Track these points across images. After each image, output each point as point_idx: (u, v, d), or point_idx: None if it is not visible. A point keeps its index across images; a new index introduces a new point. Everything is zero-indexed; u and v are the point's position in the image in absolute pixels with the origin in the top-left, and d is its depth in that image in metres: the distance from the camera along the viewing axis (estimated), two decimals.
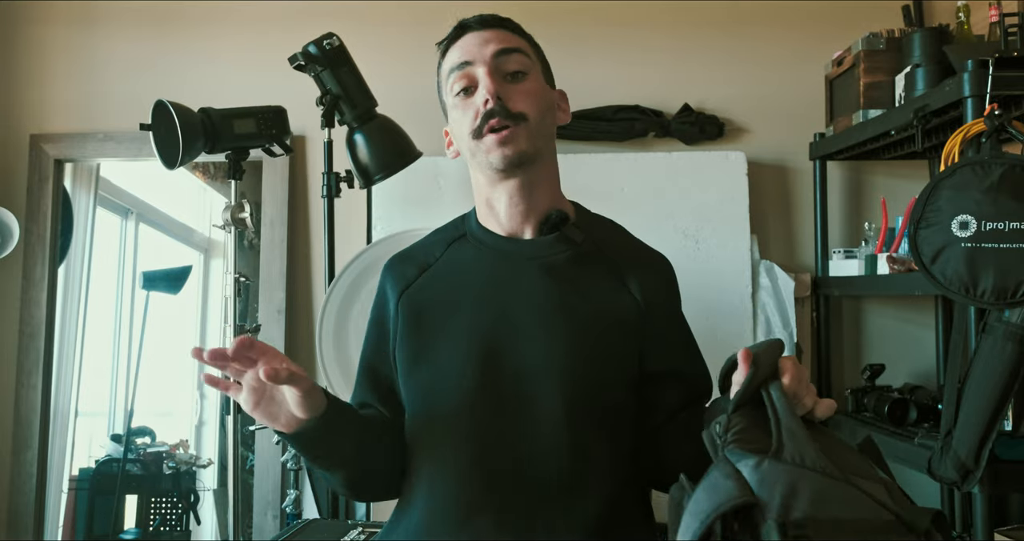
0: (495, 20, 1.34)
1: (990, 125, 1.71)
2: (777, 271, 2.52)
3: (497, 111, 1.27)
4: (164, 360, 2.87)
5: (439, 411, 1.28)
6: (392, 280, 1.39)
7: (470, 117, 1.30)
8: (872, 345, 2.66)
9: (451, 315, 1.31)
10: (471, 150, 1.32)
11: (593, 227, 1.39)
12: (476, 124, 1.29)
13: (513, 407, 1.25)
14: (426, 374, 1.30)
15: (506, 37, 1.33)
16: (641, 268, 1.37)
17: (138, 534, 2.66)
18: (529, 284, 1.31)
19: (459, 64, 1.32)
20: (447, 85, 1.35)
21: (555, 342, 1.27)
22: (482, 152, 1.30)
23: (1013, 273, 1.63)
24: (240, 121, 2.25)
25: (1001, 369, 1.65)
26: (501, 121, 1.27)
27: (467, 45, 1.32)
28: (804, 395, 1.08)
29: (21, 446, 2.60)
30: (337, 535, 1.96)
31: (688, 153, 2.61)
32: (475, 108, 1.29)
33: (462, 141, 1.34)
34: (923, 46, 2.16)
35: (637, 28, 2.68)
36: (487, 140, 1.29)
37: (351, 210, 2.58)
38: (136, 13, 2.75)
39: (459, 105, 1.32)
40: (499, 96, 1.28)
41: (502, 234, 1.36)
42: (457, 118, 1.33)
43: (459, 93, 1.32)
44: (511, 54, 1.31)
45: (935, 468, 1.77)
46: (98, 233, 2.80)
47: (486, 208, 1.38)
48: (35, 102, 2.75)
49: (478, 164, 1.34)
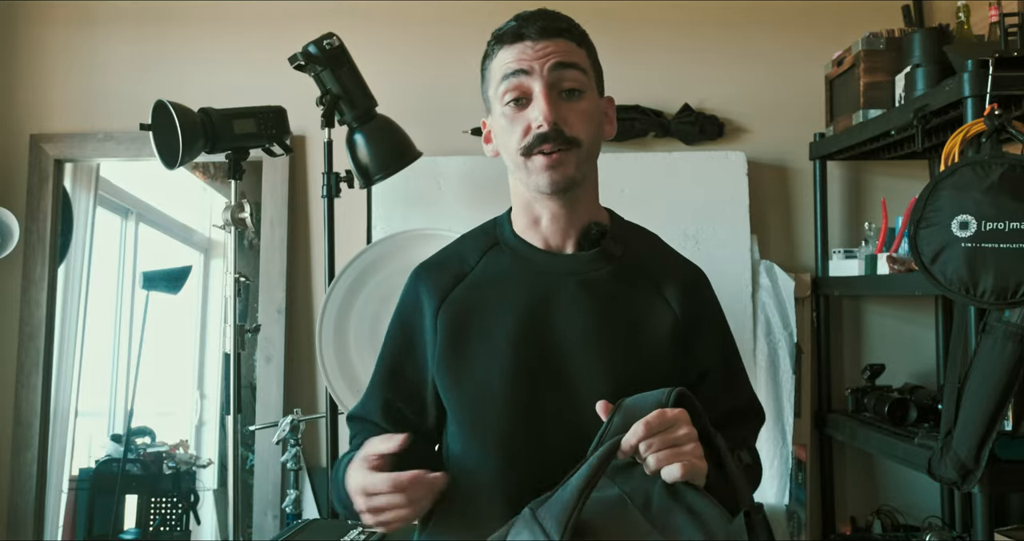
0: (556, 30, 1.26)
1: (990, 125, 1.71)
2: (777, 271, 2.52)
3: (552, 136, 1.23)
4: (164, 360, 2.87)
5: (488, 427, 1.27)
6: (428, 289, 1.35)
7: (520, 132, 1.26)
8: (872, 345, 2.66)
9: (495, 328, 1.29)
10: (516, 164, 1.28)
11: (630, 238, 1.37)
12: (527, 142, 1.25)
13: (560, 424, 1.24)
14: (473, 389, 1.29)
15: (565, 48, 1.25)
16: (678, 281, 1.34)
17: (138, 534, 2.66)
18: (571, 300, 1.29)
19: (513, 72, 1.25)
20: (496, 88, 1.28)
21: (599, 359, 1.26)
22: (529, 171, 1.27)
23: (1013, 273, 1.63)
24: (240, 121, 2.25)
25: (1001, 369, 1.66)
26: (554, 146, 1.23)
27: (523, 51, 1.25)
28: (648, 455, 1.04)
29: (21, 446, 2.59)
30: (337, 535, 1.96)
31: (688, 153, 2.61)
32: (526, 123, 1.25)
33: (508, 152, 1.30)
34: (923, 46, 2.16)
35: (637, 28, 2.68)
36: (536, 161, 1.25)
37: (351, 210, 2.58)
38: (136, 13, 2.74)
39: (509, 115, 1.27)
40: (555, 121, 1.23)
41: (541, 247, 1.34)
42: (505, 127, 1.28)
43: (510, 102, 1.27)
44: (568, 70, 1.25)
45: (935, 468, 1.78)
46: (98, 233, 2.80)
47: (526, 219, 1.34)
48: (35, 102, 2.75)
49: (522, 179, 1.30)
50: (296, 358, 2.64)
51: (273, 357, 2.60)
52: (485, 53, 1.32)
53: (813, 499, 2.56)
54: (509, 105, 1.27)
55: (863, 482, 2.63)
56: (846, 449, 2.57)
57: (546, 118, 1.23)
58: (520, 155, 1.26)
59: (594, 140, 1.29)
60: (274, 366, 2.60)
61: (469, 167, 2.59)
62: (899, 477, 2.60)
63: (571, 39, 1.27)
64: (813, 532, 2.54)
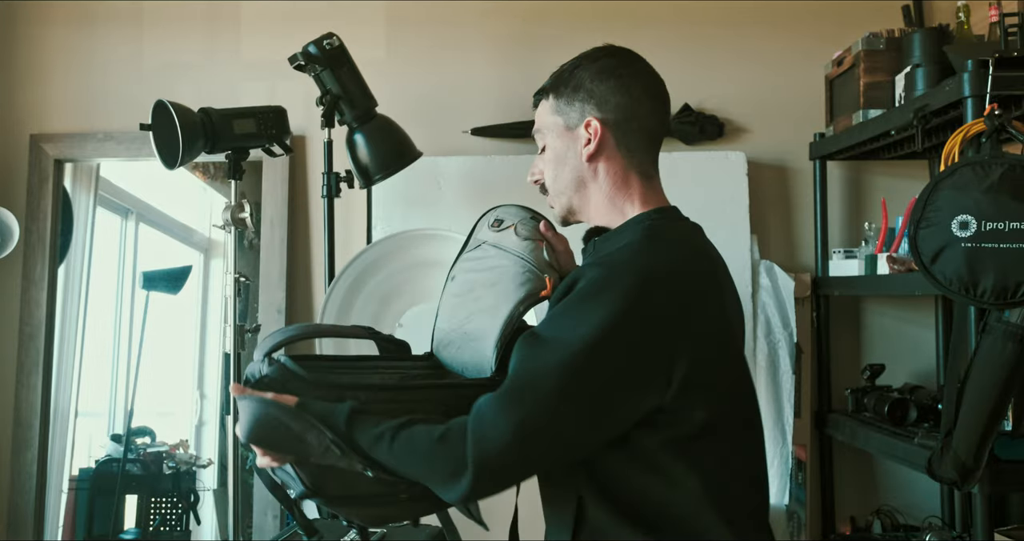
0: (536, 100, 1.44)
1: (990, 125, 1.71)
2: (777, 271, 2.52)
3: (540, 188, 1.46)
4: (164, 360, 2.87)
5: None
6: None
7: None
8: (872, 345, 2.66)
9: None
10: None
11: (613, 241, 1.36)
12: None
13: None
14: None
15: (539, 112, 1.43)
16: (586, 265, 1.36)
17: (138, 534, 2.66)
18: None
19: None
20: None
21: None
22: None
23: (1013, 273, 1.63)
24: (240, 121, 2.25)
25: (1001, 369, 1.66)
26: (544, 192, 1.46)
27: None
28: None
29: (21, 446, 2.59)
30: (337, 535, 1.96)
31: (688, 153, 2.61)
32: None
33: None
34: (923, 46, 2.16)
35: (637, 28, 2.68)
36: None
37: (351, 210, 2.58)
38: (136, 13, 2.74)
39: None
40: (534, 176, 1.45)
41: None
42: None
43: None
44: (537, 132, 1.44)
45: (935, 468, 1.78)
46: (98, 233, 2.80)
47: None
48: (35, 102, 2.75)
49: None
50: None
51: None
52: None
53: (813, 499, 2.56)
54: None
55: (863, 482, 2.63)
56: (846, 449, 2.57)
57: (530, 175, 1.46)
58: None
59: (555, 177, 1.41)
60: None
61: (469, 167, 2.59)
62: (899, 477, 2.60)
63: (543, 97, 1.43)
64: (813, 532, 2.54)
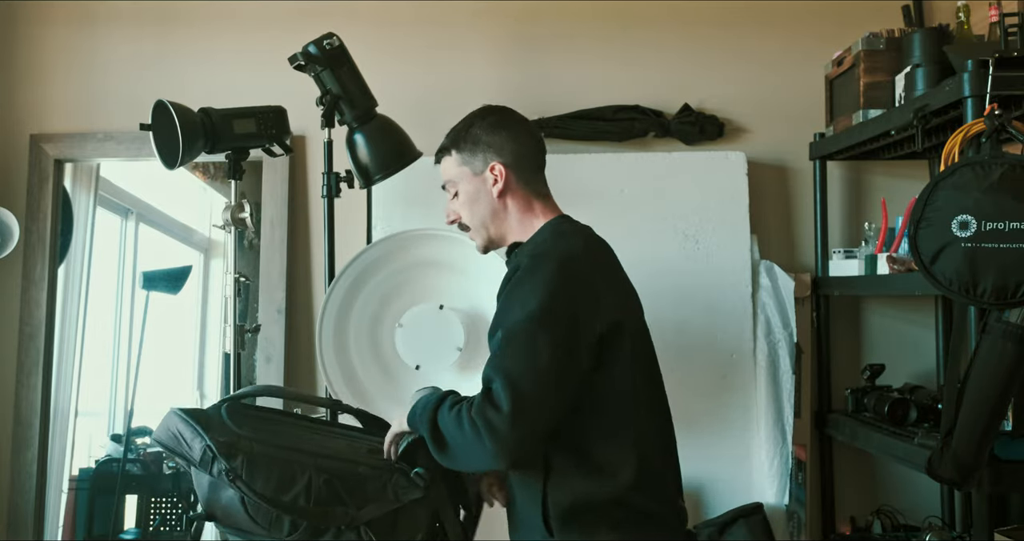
0: (438, 158, 1.69)
1: (990, 125, 1.71)
2: (777, 271, 2.52)
3: (460, 226, 1.70)
4: (164, 360, 2.87)
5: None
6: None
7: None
8: (872, 345, 2.66)
9: None
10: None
11: (528, 245, 1.60)
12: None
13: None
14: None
15: (444, 168, 1.68)
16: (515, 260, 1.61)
17: (138, 534, 2.66)
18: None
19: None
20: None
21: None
22: None
23: (1013, 273, 1.63)
24: (240, 121, 2.25)
25: (1001, 369, 1.66)
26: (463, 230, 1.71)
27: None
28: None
29: (21, 446, 2.60)
30: None
31: (688, 153, 2.61)
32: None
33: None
34: (923, 46, 2.16)
35: (637, 28, 2.68)
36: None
37: (351, 210, 2.57)
38: (136, 13, 2.74)
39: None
40: (451, 217, 1.69)
41: None
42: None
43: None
44: (446, 184, 1.68)
45: (935, 468, 1.77)
46: (98, 233, 2.80)
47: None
48: (35, 102, 2.75)
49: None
50: (296, 358, 2.65)
51: (273, 357, 2.60)
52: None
53: (813, 499, 2.56)
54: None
55: (863, 482, 2.63)
56: (846, 449, 2.57)
57: (447, 217, 1.71)
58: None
59: (472, 214, 1.64)
60: (274, 366, 2.60)
61: None
62: (899, 477, 2.60)
63: (445, 154, 1.68)
64: (813, 532, 2.55)
